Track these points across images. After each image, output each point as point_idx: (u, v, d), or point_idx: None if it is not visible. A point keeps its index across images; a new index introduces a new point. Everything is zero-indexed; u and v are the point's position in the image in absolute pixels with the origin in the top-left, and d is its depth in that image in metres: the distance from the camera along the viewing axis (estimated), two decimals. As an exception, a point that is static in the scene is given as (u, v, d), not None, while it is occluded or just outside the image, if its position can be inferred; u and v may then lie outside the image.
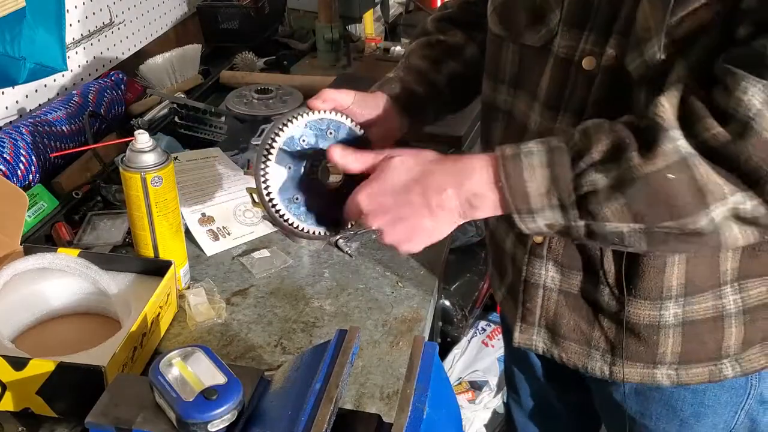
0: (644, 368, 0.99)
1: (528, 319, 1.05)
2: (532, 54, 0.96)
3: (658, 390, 1.04)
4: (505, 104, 1.02)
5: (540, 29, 0.93)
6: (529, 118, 0.97)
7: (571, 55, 0.90)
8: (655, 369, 0.99)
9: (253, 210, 1.39)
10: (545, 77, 0.94)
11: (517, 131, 0.99)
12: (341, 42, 2.06)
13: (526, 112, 0.98)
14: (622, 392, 1.07)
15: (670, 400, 1.04)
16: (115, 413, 0.76)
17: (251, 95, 1.75)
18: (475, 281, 2.48)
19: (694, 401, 1.03)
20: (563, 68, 0.91)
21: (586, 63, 0.89)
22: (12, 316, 1.06)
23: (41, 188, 1.36)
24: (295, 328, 1.13)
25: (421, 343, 0.79)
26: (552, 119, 0.93)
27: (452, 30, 1.14)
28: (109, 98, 1.63)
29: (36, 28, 1.38)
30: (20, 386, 0.92)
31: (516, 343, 1.08)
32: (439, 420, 0.73)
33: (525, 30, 0.95)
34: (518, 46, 0.98)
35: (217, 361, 0.78)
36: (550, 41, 0.93)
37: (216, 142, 1.60)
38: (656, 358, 0.98)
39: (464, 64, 1.13)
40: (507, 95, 1.01)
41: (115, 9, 1.80)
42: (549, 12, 0.92)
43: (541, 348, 1.07)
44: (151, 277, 1.12)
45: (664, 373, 0.99)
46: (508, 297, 1.12)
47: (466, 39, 1.13)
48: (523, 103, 0.98)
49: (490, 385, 2.43)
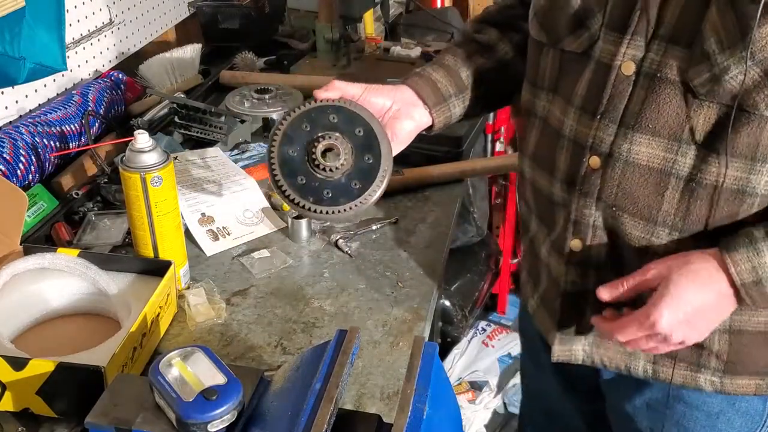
0: (687, 370, 0.98)
1: (566, 328, 1.04)
2: (572, 60, 0.95)
3: (670, 408, 1.03)
4: (543, 110, 1.01)
5: (581, 34, 0.93)
6: (563, 123, 0.96)
7: (611, 59, 0.89)
8: (699, 373, 0.98)
9: (253, 210, 1.39)
10: (582, 82, 0.93)
11: (552, 137, 0.99)
12: (341, 42, 2.06)
13: (561, 118, 0.97)
14: (634, 405, 1.07)
15: (682, 420, 1.03)
16: (114, 413, 0.76)
17: (251, 95, 1.75)
18: (475, 281, 2.49)
19: (706, 423, 1.02)
20: (603, 73, 0.91)
21: (625, 68, 0.88)
22: (12, 316, 1.06)
23: (41, 188, 1.36)
24: (295, 329, 1.13)
25: (421, 343, 0.79)
26: (588, 126, 0.92)
27: (487, 29, 1.14)
28: (109, 98, 1.62)
29: (36, 28, 1.38)
30: (20, 386, 0.92)
31: (555, 357, 1.06)
32: (439, 420, 0.73)
33: (566, 35, 0.95)
34: (558, 51, 0.97)
35: (217, 361, 0.78)
36: (591, 47, 0.92)
37: (216, 142, 1.60)
38: (701, 360, 0.97)
39: (495, 61, 1.12)
40: (545, 101, 1.01)
41: (115, 9, 1.80)
42: (591, 17, 0.91)
43: (581, 357, 1.05)
44: (150, 277, 1.12)
45: (708, 378, 0.98)
46: (541, 307, 1.10)
47: (500, 38, 1.13)
48: (559, 109, 0.97)
49: (490, 385, 2.43)
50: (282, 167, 0.94)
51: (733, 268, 0.85)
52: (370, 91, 1.01)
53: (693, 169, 0.87)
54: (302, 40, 2.22)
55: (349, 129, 0.95)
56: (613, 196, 0.92)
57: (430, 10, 2.51)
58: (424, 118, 1.07)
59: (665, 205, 0.90)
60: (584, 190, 0.95)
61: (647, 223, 0.92)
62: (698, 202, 0.88)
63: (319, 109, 0.96)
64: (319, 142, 0.93)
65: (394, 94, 1.04)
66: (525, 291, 1.18)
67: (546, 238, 1.05)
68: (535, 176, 1.04)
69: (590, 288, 0.98)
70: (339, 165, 0.94)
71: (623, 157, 0.90)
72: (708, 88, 0.83)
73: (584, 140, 0.93)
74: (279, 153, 0.94)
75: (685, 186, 0.88)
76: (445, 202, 1.47)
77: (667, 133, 0.87)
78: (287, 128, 0.95)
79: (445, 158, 1.54)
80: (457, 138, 1.56)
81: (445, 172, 1.52)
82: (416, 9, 2.55)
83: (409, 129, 1.04)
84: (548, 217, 1.03)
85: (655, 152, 0.88)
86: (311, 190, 0.94)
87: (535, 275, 1.12)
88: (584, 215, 0.96)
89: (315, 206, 0.94)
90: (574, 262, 0.99)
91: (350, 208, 0.95)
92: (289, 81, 1.88)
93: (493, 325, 2.68)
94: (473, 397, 2.39)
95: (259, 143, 1.58)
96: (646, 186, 0.90)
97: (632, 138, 0.89)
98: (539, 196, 1.05)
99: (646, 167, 0.89)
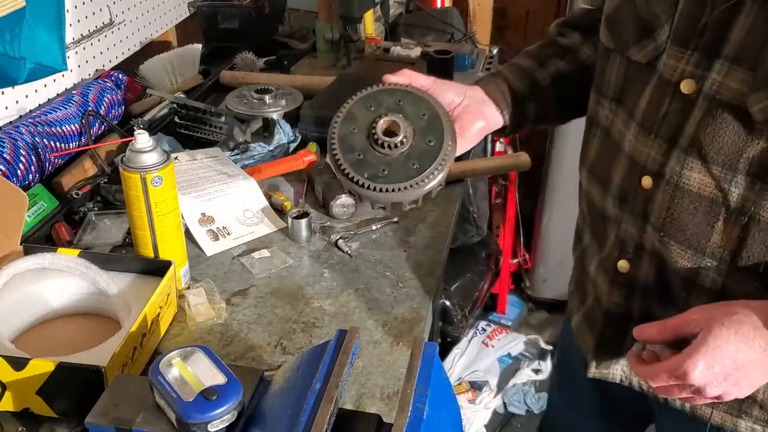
0: (726, 413, 0.95)
1: (605, 348, 1.02)
2: (637, 70, 0.91)
3: None
4: (606, 120, 0.98)
5: (647, 45, 0.89)
6: (624, 137, 0.93)
7: (671, 75, 0.85)
8: (739, 419, 0.95)
9: (253, 210, 1.39)
10: (645, 96, 0.89)
11: (612, 150, 0.96)
12: (341, 42, 2.06)
13: (622, 131, 0.94)
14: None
15: None
16: (115, 413, 0.76)
17: (251, 95, 1.75)
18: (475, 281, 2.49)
19: None
20: (662, 89, 0.86)
21: (684, 86, 0.84)
22: (12, 316, 1.06)
23: (41, 188, 1.36)
24: (295, 328, 1.13)
25: (421, 343, 0.79)
26: (644, 143, 0.89)
27: (570, 32, 1.11)
28: (109, 98, 1.63)
29: (36, 28, 1.38)
30: (20, 386, 0.92)
31: (591, 374, 1.04)
32: (439, 420, 0.73)
33: (632, 44, 0.91)
34: (625, 60, 0.93)
35: (217, 361, 0.78)
36: (656, 59, 0.87)
37: (216, 142, 1.60)
38: (742, 407, 0.94)
39: (575, 64, 1.09)
40: (609, 111, 0.97)
41: (115, 9, 1.80)
42: (658, 27, 0.87)
43: (618, 377, 1.03)
44: (151, 277, 1.12)
45: (749, 426, 0.94)
46: (584, 323, 1.08)
47: (583, 41, 1.10)
48: (621, 121, 0.94)
49: (490, 385, 2.43)
50: (341, 142, 0.93)
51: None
52: (440, 84, 0.99)
53: (747, 202, 0.82)
54: (302, 40, 2.22)
55: (415, 113, 0.94)
56: (661, 220, 0.89)
57: (430, 10, 2.51)
58: (496, 118, 1.04)
59: (715, 236, 0.85)
60: (635, 210, 0.92)
61: (695, 253, 0.88)
62: (750, 239, 0.83)
63: (387, 92, 0.95)
64: (381, 119, 0.93)
65: (464, 91, 1.02)
66: (571, 303, 1.15)
67: (596, 255, 1.02)
68: (590, 188, 1.02)
69: (634, 312, 0.96)
70: (399, 142, 0.92)
71: (674, 180, 0.86)
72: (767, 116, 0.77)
73: (640, 158, 0.90)
74: (339, 130, 0.93)
75: (737, 219, 0.83)
76: (445, 202, 1.47)
77: (722, 161, 0.82)
78: (352, 107, 0.94)
79: (445, 158, 1.54)
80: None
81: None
82: (416, 9, 2.55)
83: (479, 127, 1.02)
84: (600, 232, 1.01)
85: (707, 179, 0.84)
86: (367, 166, 0.92)
87: (581, 290, 1.10)
88: (632, 236, 0.93)
89: (369, 182, 0.92)
90: (620, 283, 0.97)
91: (405, 188, 0.92)
92: (289, 81, 1.88)
93: (493, 325, 2.68)
94: (473, 397, 2.40)
95: (259, 143, 1.58)
96: (696, 214, 0.86)
97: (684, 161, 0.85)
98: (593, 210, 1.02)
99: (696, 194, 0.85)
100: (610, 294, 0.99)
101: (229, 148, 1.59)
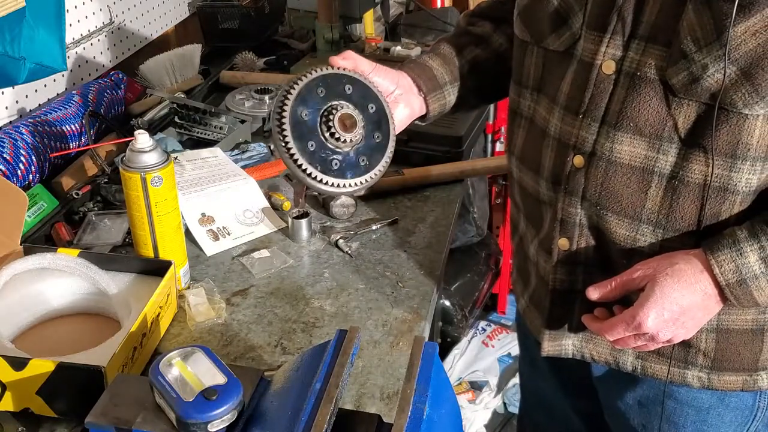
0: (675, 366, 0.99)
1: (555, 325, 1.05)
2: (555, 59, 0.96)
3: (660, 404, 1.03)
4: (528, 110, 1.02)
5: (563, 33, 0.93)
6: (548, 122, 0.97)
7: (592, 58, 0.90)
8: (686, 369, 0.99)
9: (253, 210, 1.39)
10: (566, 81, 0.94)
11: (537, 136, 0.99)
12: (341, 42, 2.06)
13: (546, 117, 0.97)
14: (626, 402, 1.07)
15: (673, 416, 1.04)
16: (115, 413, 0.76)
17: (251, 95, 1.75)
18: (475, 281, 2.49)
19: (696, 419, 1.03)
20: (584, 72, 0.91)
21: (605, 67, 0.89)
22: (12, 316, 1.06)
23: (41, 188, 1.36)
24: (295, 328, 1.13)
25: (421, 343, 0.79)
26: (571, 125, 0.93)
27: (481, 22, 1.15)
28: (109, 98, 1.63)
29: (36, 28, 1.38)
30: (20, 386, 0.92)
31: (545, 352, 1.07)
32: (439, 420, 0.73)
33: (548, 34, 0.95)
34: (542, 50, 0.98)
35: (217, 361, 0.78)
36: (573, 45, 0.92)
37: (216, 142, 1.60)
38: (688, 357, 0.98)
39: (490, 52, 1.13)
40: (530, 101, 1.01)
41: (115, 9, 1.80)
42: (572, 15, 0.92)
43: (570, 351, 1.06)
44: (151, 277, 1.12)
45: (696, 375, 0.99)
46: (530, 305, 1.11)
47: (494, 29, 1.13)
48: (544, 108, 0.98)
49: (490, 385, 2.43)
50: (293, 129, 0.88)
51: (717, 268, 0.86)
52: (379, 71, 1.00)
53: (675, 167, 0.88)
54: (302, 40, 2.22)
55: (363, 103, 0.94)
56: (597, 195, 0.93)
57: (430, 10, 2.51)
58: (420, 105, 1.07)
59: (649, 203, 0.91)
60: (569, 189, 0.95)
61: (632, 222, 0.92)
62: (681, 200, 0.89)
63: (336, 77, 0.93)
64: (337, 110, 0.91)
65: (397, 79, 1.04)
66: (515, 290, 1.18)
67: (534, 238, 1.05)
68: (522, 176, 1.05)
69: (578, 286, 0.99)
70: (354, 138, 0.91)
71: (606, 156, 0.91)
72: (687, 86, 0.84)
73: (568, 139, 0.94)
74: (291, 113, 0.89)
75: (668, 184, 0.89)
76: (445, 202, 1.47)
77: (649, 132, 0.88)
78: (303, 88, 0.90)
79: (445, 158, 1.55)
80: (457, 138, 1.56)
81: (445, 172, 1.52)
82: (416, 9, 2.55)
83: (407, 115, 1.05)
84: (535, 217, 1.04)
85: (636, 151, 0.89)
86: (320, 159, 0.90)
87: (524, 274, 1.12)
88: (570, 214, 0.97)
89: (322, 175, 0.90)
90: (561, 261, 1.00)
91: (355, 184, 0.92)
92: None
93: (493, 325, 2.68)
94: (473, 397, 2.39)
95: (259, 143, 1.58)
96: (629, 184, 0.91)
97: (614, 137, 0.90)
98: (526, 196, 1.05)
99: (628, 166, 0.90)
100: (554, 273, 1.01)
101: (229, 148, 1.59)
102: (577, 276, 1.00)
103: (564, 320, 1.04)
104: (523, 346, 1.37)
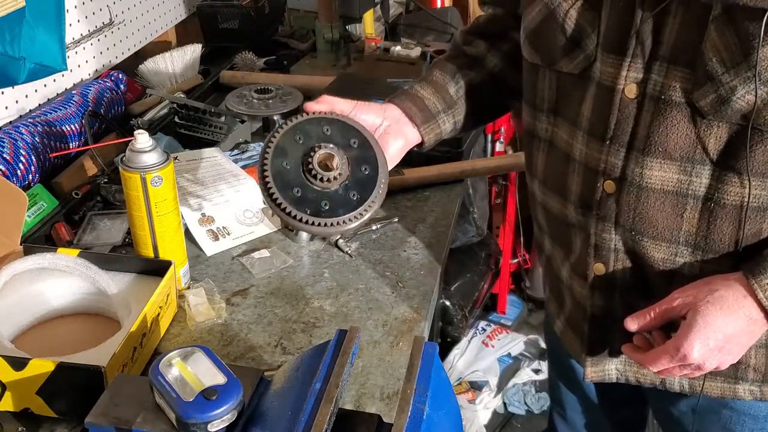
0: (725, 383, 0.98)
1: (596, 351, 1.03)
2: (570, 81, 0.93)
3: (716, 413, 1.02)
4: (545, 132, 1.00)
5: (576, 56, 0.91)
6: (572, 147, 0.95)
7: (613, 82, 0.87)
8: (737, 384, 0.98)
9: (253, 210, 1.39)
10: (586, 105, 0.91)
11: (561, 160, 0.97)
12: (341, 42, 2.06)
13: (568, 141, 0.95)
14: (680, 410, 1.06)
15: (729, 424, 1.03)
16: (115, 413, 0.76)
17: (251, 95, 1.75)
18: (475, 281, 2.49)
19: (754, 427, 1.02)
20: (606, 96, 0.89)
21: (628, 91, 0.86)
22: (12, 316, 1.06)
23: (41, 188, 1.36)
24: (295, 328, 1.13)
25: (421, 343, 0.79)
26: (598, 150, 0.91)
27: (476, 41, 1.13)
28: (109, 98, 1.63)
29: (36, 28, 1.38)
30: (20, 386, 0.92)
31: (588, 378, 1.06)
32: (439, 420, 0.73)
33: (560, 58, 0.93)
34: (555, 73, 0.95)
35: (217, 361, 0.78)
36: (589, 68, 0.90)
37: (216, 142, 1.60)
38: (738, 374, 0.97)
39: (485, 74, 1.11)
40: (547, 123, 0.99)
41: (115, 9, 1.80)
42: (585, 37, 0.89)
43: (614, 376, 1.05)
44: (151, 277, 1.12)
45: (747, 388, 0.98)
46: (568, 328, 1.10)
47: (489, 49, 1.11)
48: (565, 131, 0.96)
49: (490, 385, 2.43)
50: (276, 180, 0.90)
51: (762, 293, 0.84)
52: (360, 107, 0.99)
53: (710, 189, 0.86)
54: (302, 40, 2.22)
55: (344, 141, 0.93)
56: (630, 220, 0.91)
57: (430, 10, 2.50)
58: (414, 135, 1.06)
59: (685, 225, 0.89)
60: (601, 215, 0.94)
61: (669, 245, 0.91)
62: (719, 222, 0.87)
63: (312, 122, 0.93)
64: (315, 152, 0.91)
65: (383, 112, 1.03)
66: (549, 309, 1.16)
67: (565, 261, 1.04)
68: (547, 199, 1.03)
69: (617, 312, 0.97)
70: (337, 175, 0.91)
71: (636, 181, 0.89)
72: (716, 108, 0.81)
73: (596, 165, 0.92)
74: (272, 166, 0.90)
75: (704, 206, 0.87)
76: (445, 202, 1.47)
77: (679, 155, 0.86)
78: (279, 140, 0.91)
79: (445, 158, 1.55)
80: (457, 138, 1.55)
81: (445, 172, 1.52)
82: (416, 9, 2.55)
83: (400, 146, 1.03)
84: (563, 239, 1.02)
85: (668, 175, 0.87)
86: (308, 202, 0.90)
87: (557, 296, 1.11)
88: (604, 240, 0.95)
89: (313, 218, 0.90)
90: (597, 286, 0.98)
91: (350, 220, 0.91)
92: (289, 81, 1.88)
93: (493, 325, 2.68)
94: (473, 397, 2.40)
95: (259, 143, 1.58)
96: (663, 209, 0.89)
97: (643, 162, 0.88)
98: (552, 218, 1.04)
99: (660, 191, 0.88)
100: (591, 298, 1.00)
101: (229, 148, 1.59)
102: (615, 301, 0.98)
103: (605, 345, 1.02)
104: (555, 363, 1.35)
